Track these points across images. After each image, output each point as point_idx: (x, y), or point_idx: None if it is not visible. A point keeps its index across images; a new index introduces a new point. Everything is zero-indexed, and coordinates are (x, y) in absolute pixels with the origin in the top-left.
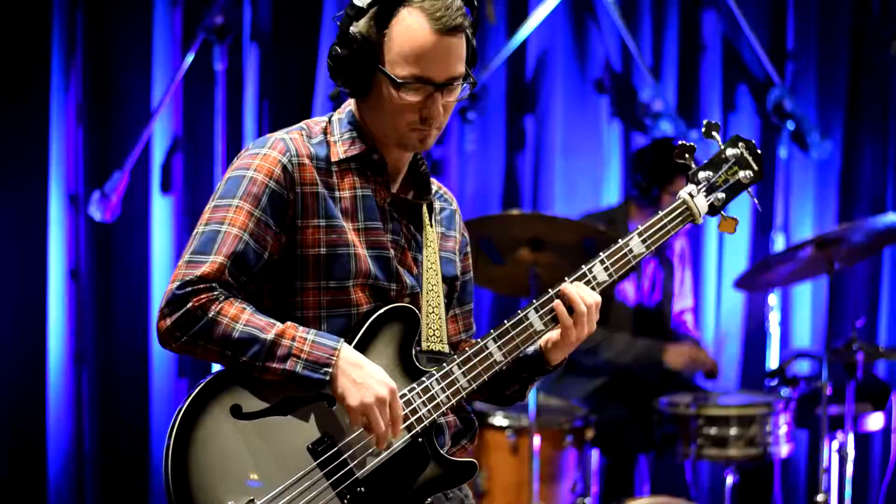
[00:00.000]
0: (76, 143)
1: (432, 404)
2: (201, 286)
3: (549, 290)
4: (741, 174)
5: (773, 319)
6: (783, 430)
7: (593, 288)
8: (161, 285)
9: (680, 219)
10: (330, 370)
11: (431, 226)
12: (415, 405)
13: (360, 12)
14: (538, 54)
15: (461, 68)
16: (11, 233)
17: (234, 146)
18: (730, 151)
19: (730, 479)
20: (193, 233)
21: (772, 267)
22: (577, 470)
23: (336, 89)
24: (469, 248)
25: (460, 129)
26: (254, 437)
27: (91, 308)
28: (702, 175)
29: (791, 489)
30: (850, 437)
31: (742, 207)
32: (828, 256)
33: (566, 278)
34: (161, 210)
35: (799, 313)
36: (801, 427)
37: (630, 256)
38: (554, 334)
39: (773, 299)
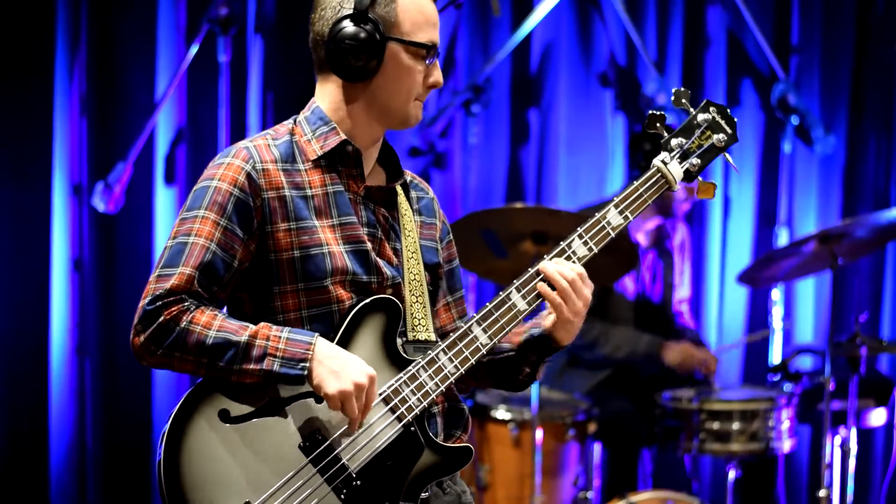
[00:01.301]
0: (80, 134)
1: (421, 392)
2: (171, 299)
3: (529, 269)
4: (715, 138)
5: (777, 314)
6: (786, 425)
7: (577, 262)
8: None
9: (655, 187)
10: (307, 364)
11: (409, 214)
12: (404, 394)
13: None
14: (542, 47)
15: None
16: (15, 223)
17: (238, 138)
18: (701, 117)
19: (732, 474)
20: (163, 247)
21: (775, 262)
22: (579, 463)
23: None
24: (451, 235)
25: (464, 122)
26: (244, 440)
27: (94, 299)
28: (674, 142)
29: (793, 484)
30: (853, 433)
31: (745, 202)
32: (831, 251)
33: (545, 256)
34: (164, 201)
35: (802, 308)
36: (804, 422)
37: (609, 229)
38: (549, 319)
39: (777, 294)
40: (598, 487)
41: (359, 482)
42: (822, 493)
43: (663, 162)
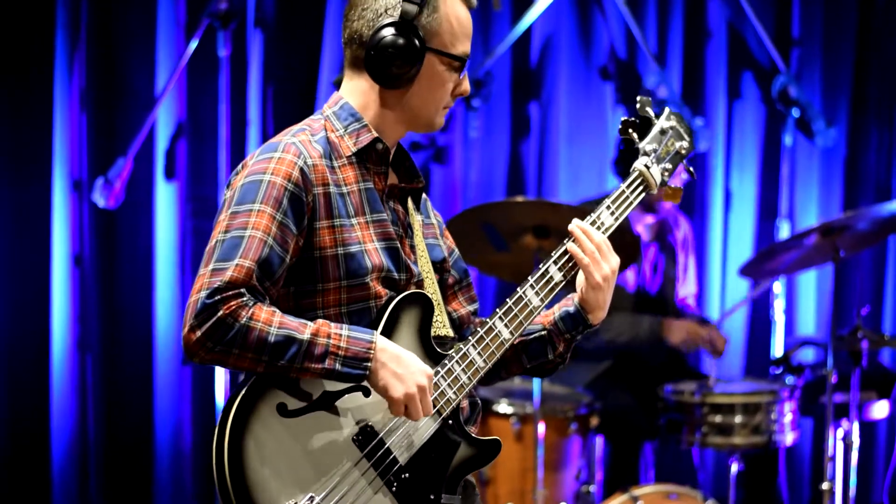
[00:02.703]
0: (80, 130)
1: (457, 386)
2: (230, 293)
3: (539, 266)
4: (677, 145)
5: (778, 307)
6: (788, 418)
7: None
8: (165, 272)
9: (640, 189)
10: (370, 364)
11: (418, 209)
12: (442, 388)
13: (424, 1)
14: (543, 41)
15: None
16: (15, 219)
17: (239, 132)
18: (666, 123)
19: (734, 467)
20: (212, 242)
21: (777, 254)
22: (581, 457)
23: (341, 75)
24: (444, 226)
25: (465, 115)
26: (303, 434)
27: (95, 295)
28: (649, 147)
29: (796, 477)
30: (855, 426)
31: (746, 196)
32: (833, 244)
33: (574, 220)
34: (165, 196)
35: (804, 301)
36: (806, 415)
37: (604, 230)
38: (574, 297)
39: (778, 287)
40: (601, 481)
41: (407, 475)
42: (824, 486)
43: (646, 166)
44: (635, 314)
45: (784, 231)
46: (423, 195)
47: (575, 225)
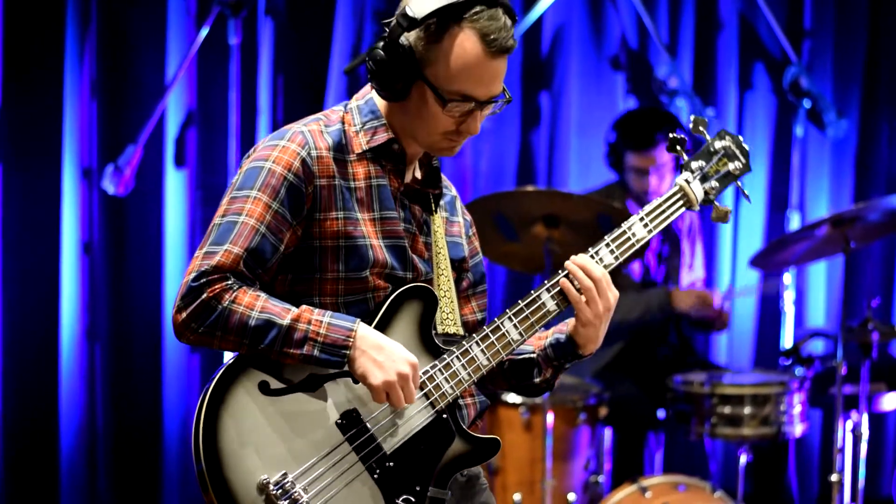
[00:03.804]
0: (90, 117)
1: (454, 381)
2: (215, 276)
3: (560, 270)
4: (731, 165)
5: (788, 298)
6: (797, 409)
7: None
8: (175, 260)
9: (678, 205)
10: (348, 352)
11: (436, 211)
12: (438, 381)
13: (413, 23)
14: (553, 30)
15: (501, 86)
16: (25, 207)
17: (249, 121)
18: (718, 144)
19: (743, 459)
20: (211, 224)
21: (787, 246)
22: (590, 447)
23: (352, 64)
24: (474, 230)
25: None
26: (283, 413)
27: (104, 282)
28: (695, 164)
29: (805, 469)
30: (865, 417)
31: (757, 187)
32: (843, 235)
33: (572, 257)
34: (175, 184)
35: (814, 292)
36: (816, 406)
37: (634, 240)
38: (570, 322)
39: (788, 278)
40: (609, 471)
41: (392, 463)
42: (833, 477)
43: (686, 181)
44: (642, 291)
45: (794, 222)
46: (455, 196)
47: (572, 261)
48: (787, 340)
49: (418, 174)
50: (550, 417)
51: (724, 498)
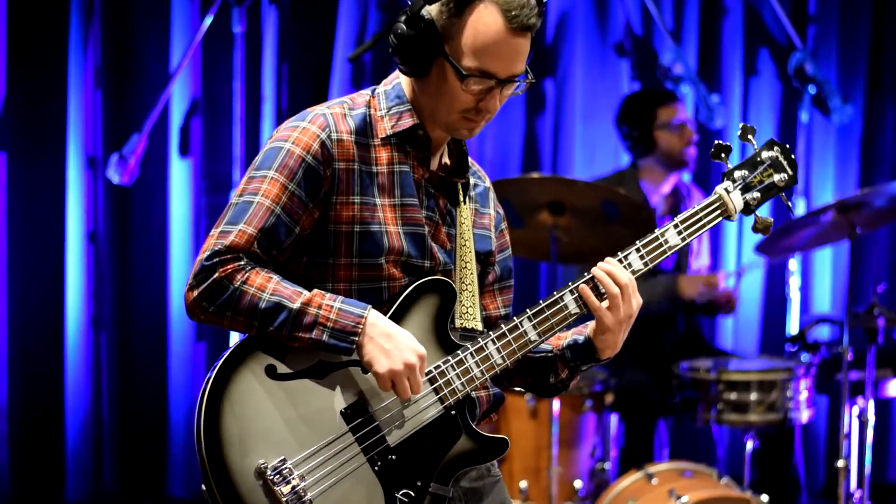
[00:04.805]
0: (94, 106)
1: (466, 377)
2: (228, 256)
3: (586, 273)
4: (776, 177)
5: (794, 284)
6: (803, 395)
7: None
8: (179, 249)
9: (715, 213)
10: (356, 339)
11: (465, 202)
12: (449, 377)
13: None
14: (558, 17)
15: (523, 66)
16: (30, 196)
17: (253, 109)
18: (765, 154)
19: (750, 445)
20: (228, 203)
21: (793, 232)
22: (596, 434)
23: (356, 52)
24: (505, 225)
25: None
26: (288, 398)
27: (109, 271)
28: (738, 174)
29: (811, 455)
30: (871, 403)
31: None
32: (849, 221)
33: (600, 263)
34: (179, 173)
35: (820, 278)
36: (822, 392)
37: (666, 247)
38: (591, 324)
39: (794, 264)
40: (615, 458)
41: (394, 457)
42: (839, 463)
43: (726, 190)
44: (649, 277)
45: (800, 208)
46: (489, 187)
47: (599, 266)
48: (793, 326)
49: (447, 163)
50: (556, 404)
51: (731, 484)
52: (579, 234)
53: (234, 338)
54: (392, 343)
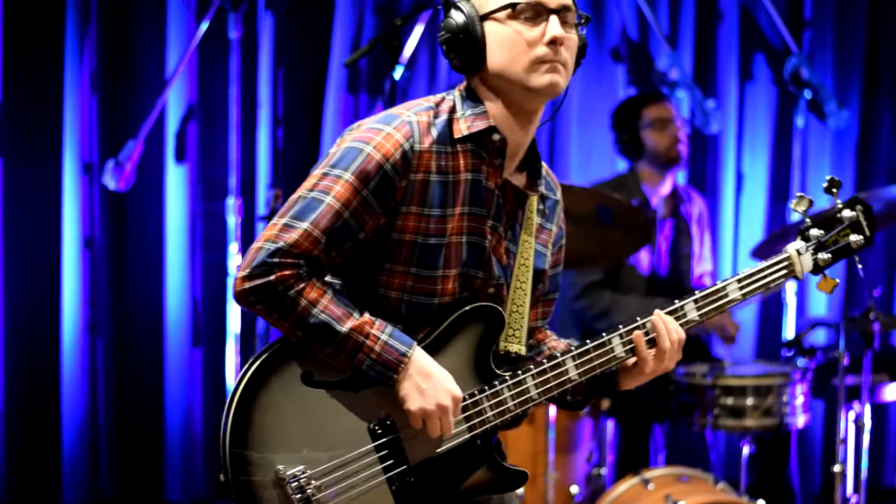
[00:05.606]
0: (90, 112)
1: (499, 409)
2: (289, 260)
3: (639, 318)
4: (852, 238)
5: (790, 289)
6: (800, 400)
7: (682, 325)
8: (175, 254)
9: (782, 273)
10: (395, 376)
11: (533, 217)
12: (482, 406)
13: None
14: None
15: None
16: (26, 202)
17: (249, 114)
18: (846, 213)
19: (746, 450)
20: (297, 193)
21: (788, 236)
22: (592, 440)
23: (352, 58)
24: (564, 241)
25: None
26: (318, 407)
27: (105, 277)
28: (813, 233)
29: (807, 460)
30: (867, 408)
31: (758, 177)
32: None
33: (656, 311)
34: (175, 178)
35: (815, 283)
36: (818, 397)
37: (724, 301)
38: (631, 360)
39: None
40: (612, 464)
41: (412, 478)
42: (836, 468)
43: (797, 252)
44: (647, 298)
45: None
46: (558, 199)
47: (658, 317)
48: (789, 331)
49: (522, 177)
50: (553, 410)
51: (727, 489)
52: (575, 238)
53: (231, 344)
54: (429, 383)
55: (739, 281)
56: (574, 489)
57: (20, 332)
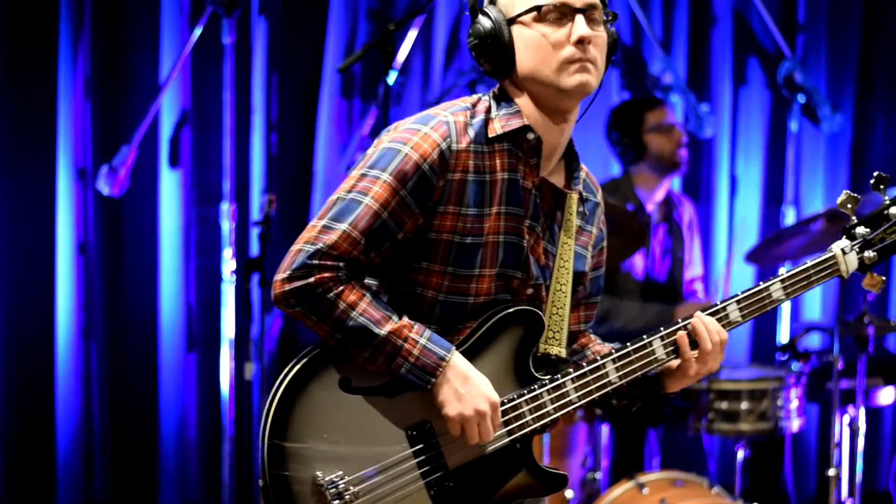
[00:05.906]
0: (84, 117)
1: (538, 413)
2: (328, 262)
3: (681, 320)
4: None
5: None
6: (794, 404)
7: (724, 326)
8: (169, 260)
9: (826, 272)
10: (434, 380)
11: (573, 219)
12: (521, 411)
13: None
14: None
15: None
16: (20, 207)
17: (243, 120)
18: (894, 210)
19: (741, 454)
20: (336, 195)
21: (783, 240)
22: (587, 444)
23: (345, 63)
24: (605, 243)
25: None
26: (357, 413)
27: (99, 283)
28: (859, 231)
29: (802, 463)
30: (862, 412)
31: (752, 181)
32: (839, 230)
33: (697, 312)
34: (169, 184)
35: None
36: (812, 401)
37: (767, 301)
38: (675, 363)
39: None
40: (607, 468)
41: (451, 483)
42: (831, 472)
43: (842, 251)
44: (644, 303)
45: (790, 217)
46: (599, 202)
47: (699, 319)
48: (783, 335)
49: (560, 177)
50: None
51: (722, 493)
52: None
53: (225, 349)
54: (467, 387)
55: (783, 281)
56: (569, 493)
57: (15, 336)
